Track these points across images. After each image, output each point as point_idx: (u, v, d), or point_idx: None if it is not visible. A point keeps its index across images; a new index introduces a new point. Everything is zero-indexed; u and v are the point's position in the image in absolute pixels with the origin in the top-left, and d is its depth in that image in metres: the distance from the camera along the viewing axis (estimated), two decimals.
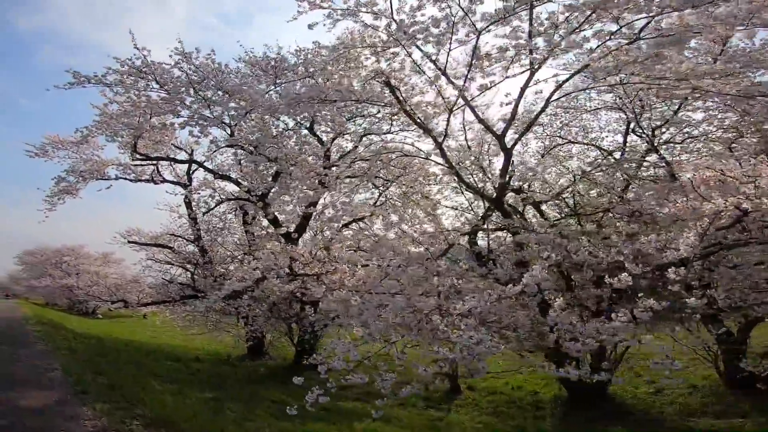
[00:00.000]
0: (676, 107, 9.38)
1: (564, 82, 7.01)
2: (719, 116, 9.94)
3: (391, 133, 11.72)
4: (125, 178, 13.94)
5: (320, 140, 12.20)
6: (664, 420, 9.46)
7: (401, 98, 7.28)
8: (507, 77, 6.92)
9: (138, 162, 13.13)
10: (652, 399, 10.63)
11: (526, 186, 10.63)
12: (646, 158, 10.69)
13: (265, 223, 15.21)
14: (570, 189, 10.04)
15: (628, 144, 11.42)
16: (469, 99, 7.39)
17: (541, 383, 12.23)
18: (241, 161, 13.52)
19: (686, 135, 10.40)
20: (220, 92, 9.38)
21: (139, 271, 19.03)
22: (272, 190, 12.45)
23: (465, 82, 6.69)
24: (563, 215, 10.04)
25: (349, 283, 7.12)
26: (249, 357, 15.34)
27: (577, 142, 11.76)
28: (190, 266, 17.18)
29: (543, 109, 7.75)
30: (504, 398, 11.91)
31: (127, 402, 6.85)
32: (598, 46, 6.42)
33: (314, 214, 13.30)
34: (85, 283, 21.47)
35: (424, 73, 7.05)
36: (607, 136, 12.05)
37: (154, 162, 14.62)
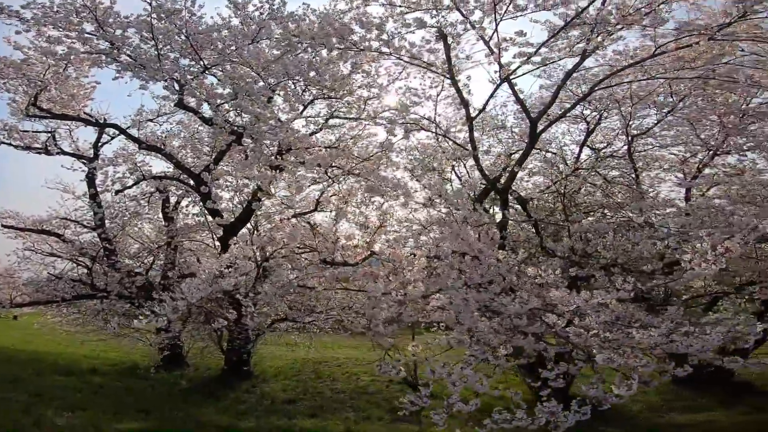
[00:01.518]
0: (664, 114, 8.84)
1: (632, 65, 5.88)
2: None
3: (361, 119, 9.72)
4: (11, 144, 10.05)
5: (279, 120, 9.78)
6: (639, 418, 8.83)
7: (450, 57, 5.54)
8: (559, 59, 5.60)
9: (35, 116, 9.27)
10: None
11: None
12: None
13: (196, 210, 12.19)
14: (555, 187, 9.11)
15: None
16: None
17: (501, 386, 11.14)
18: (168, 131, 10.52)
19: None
20: (182, 37, 6.71)
21: (12, 263, 14.29)
22: (213, 171, 9.67)
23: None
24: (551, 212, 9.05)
25: (411, 275, 5.11)
26: (164, 367, 12.06)
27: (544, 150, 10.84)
28: (85, 259, 13.21)
29: (585, 97, 6.60)
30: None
31: None
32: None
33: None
34: None
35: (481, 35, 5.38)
36: (566, 147, 11.36)
37: (51, 131, 10.84)
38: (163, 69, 7.07)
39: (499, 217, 8.25)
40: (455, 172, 9.57)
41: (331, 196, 11.60)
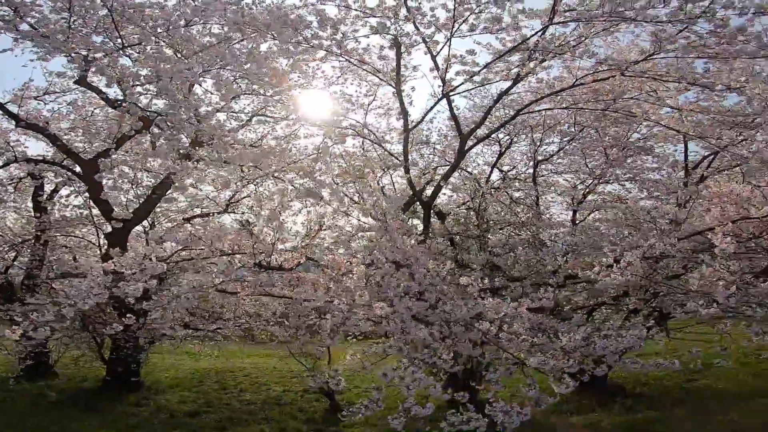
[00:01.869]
0: (566, 143, 9.94)
1: (552, 94, 6.54)
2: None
3: (288, 119, 9.45)
4: None
5: (197, 111, 9.11)
6: (537, 419, 9.61)
7: (400, 66, 5.69)
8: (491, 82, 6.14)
9: None
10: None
11: None
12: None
13: (79, 201, 10.75)
14: (471, 204, 9.77)
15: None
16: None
17: (417, 394, 11.38)
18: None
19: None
20: (103, 12, 5.98)
21: None
22: (113, 158, 8.67)
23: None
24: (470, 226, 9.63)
25: (352, 284, 5.02)
26: (26, 378, 10.38)
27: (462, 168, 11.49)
28: None
29: (512, 118, 7.20)
30: (392, 413, 10.66)
31: None
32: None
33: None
34: None
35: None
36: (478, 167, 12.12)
37: None
38: (72, 41, 6.25)
39: (419, 229, 8.62)
40: (378, 182, 9.78)
41: (243, 197, 11.10)
